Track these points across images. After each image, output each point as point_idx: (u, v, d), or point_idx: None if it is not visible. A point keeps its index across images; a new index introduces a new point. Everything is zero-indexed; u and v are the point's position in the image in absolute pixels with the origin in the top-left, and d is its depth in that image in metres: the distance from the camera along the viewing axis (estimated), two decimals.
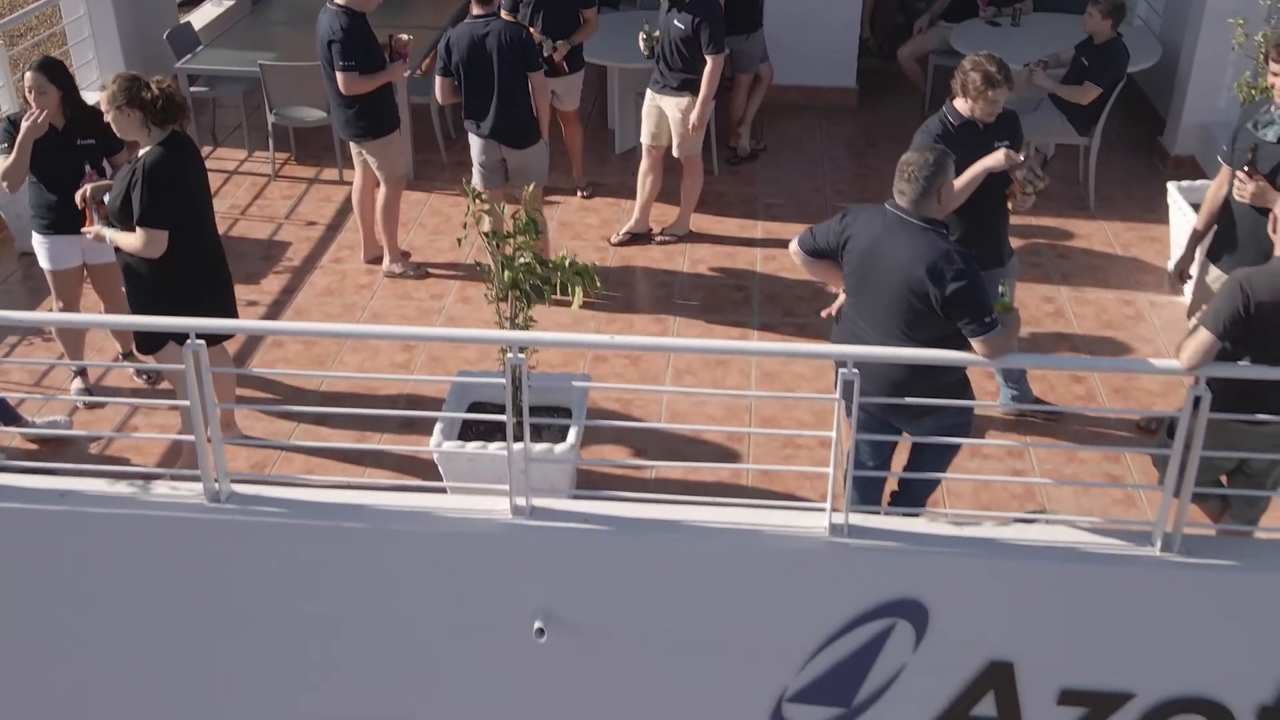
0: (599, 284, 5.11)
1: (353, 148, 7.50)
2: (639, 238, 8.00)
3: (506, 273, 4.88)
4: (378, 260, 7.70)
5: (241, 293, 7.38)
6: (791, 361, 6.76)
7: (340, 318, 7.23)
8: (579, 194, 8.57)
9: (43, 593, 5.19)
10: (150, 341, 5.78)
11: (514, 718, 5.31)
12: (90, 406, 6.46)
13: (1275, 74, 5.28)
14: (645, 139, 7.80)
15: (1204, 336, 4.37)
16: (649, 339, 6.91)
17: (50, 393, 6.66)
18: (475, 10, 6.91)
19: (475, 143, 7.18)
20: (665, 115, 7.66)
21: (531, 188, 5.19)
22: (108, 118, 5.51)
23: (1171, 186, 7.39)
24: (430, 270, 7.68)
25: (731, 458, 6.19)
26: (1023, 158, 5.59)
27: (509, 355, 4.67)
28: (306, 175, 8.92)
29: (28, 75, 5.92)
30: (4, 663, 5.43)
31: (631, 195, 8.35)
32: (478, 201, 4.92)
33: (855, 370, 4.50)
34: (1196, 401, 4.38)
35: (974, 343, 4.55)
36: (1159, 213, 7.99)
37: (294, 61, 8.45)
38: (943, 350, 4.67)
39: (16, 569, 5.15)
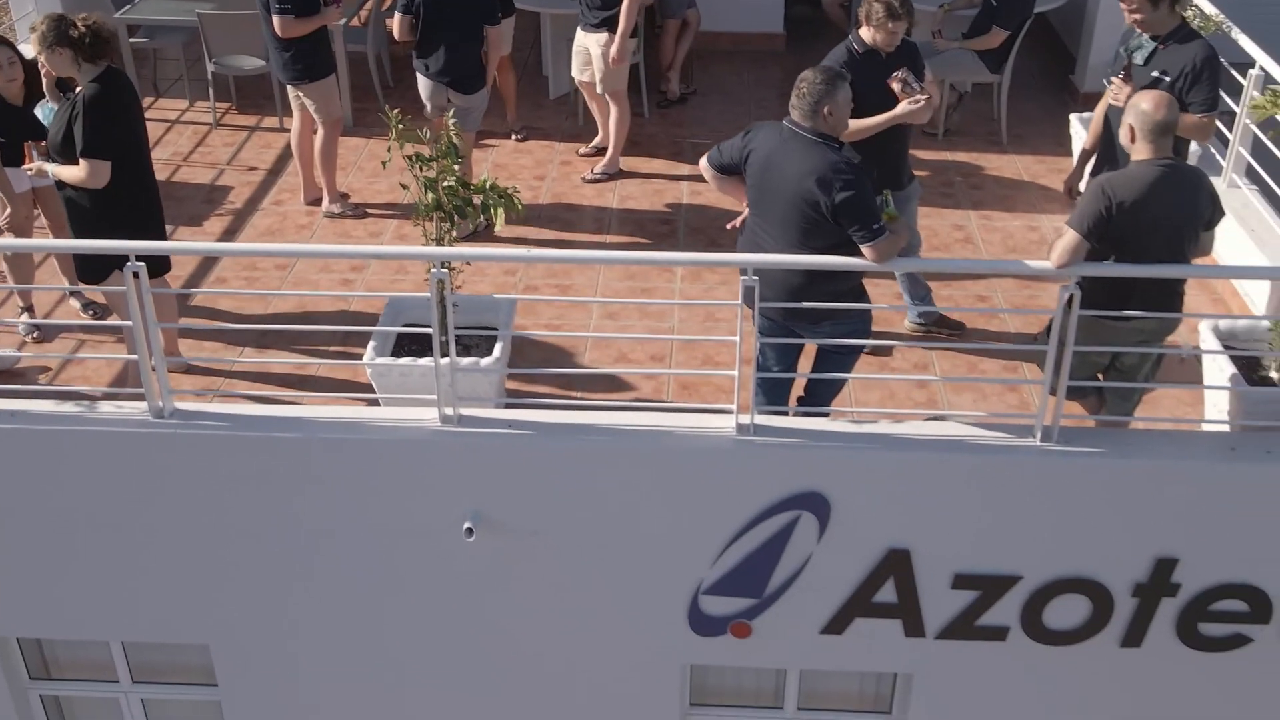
0: (520, 207, 5.42)
1: (290, 91, 7.74)
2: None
3: (430, 194, 5.18)
4: (317, 202, 7.96)
5: (184, 235, 7.68)
6: (711, 290, 7.10)
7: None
8: (513, 137, 8.85)
9: (6, 502, 5.47)
10: (93, 272, 6.03)
11: (447, 616, 5.64)
12: (38, 340, 6.70)
13: (1126, 9, 5.72)
14: (575, 74, 8.14)
15: (1071, 237, 4.75)
16: (566, 252, 7.25)
17: None
18: None
19: (424, 85, 7.47)
20: (590, 53, 7.96)
21: (451, 114, 5.48)
22: (41, 59, 5.74)
23: (1073, 117, 7.78)
24: (368, 210, 7.95)
25: (652, 381, 6.52)
26: (904, 82, 5.93)
27: (433, 270, 4.98)
28: (247, 124, 9.13)
29: None
30: None
31: (565, 138, 8.71)
32: (400, 126, 5.20)
33: (755, 277, 4.86)
34: (1069, 301, 4.78)
35: (863, 248, 4.92)
36: (1068, 146, 8.36)
37: (232, 10, 8.64)
38: (835, 256, 5.03)
39: None
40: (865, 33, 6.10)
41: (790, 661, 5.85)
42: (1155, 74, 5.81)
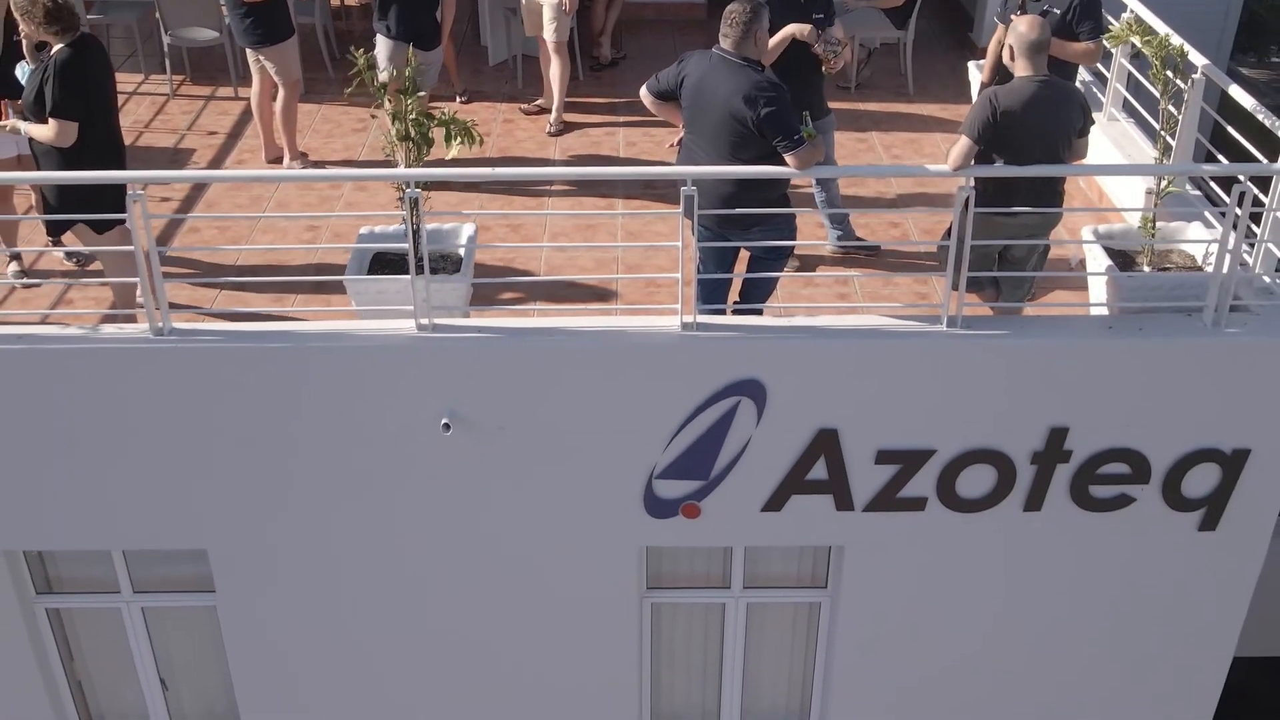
0: (477, 138, 6.04)
1: (250, 55, 8.27)
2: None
3: (398, 124, 5.80)
4: (278, 160, 8.49)
5: (153, 192, 8.16)
6: (651, 223, 7.76)
7: (249, 208, 8.02)
8: (458, 100, 9.45)
9: (13, 422, 5.97)
10: (58, 227, 6.53)
11: (428, 507, 6.25)
12: (27, 287, 7.18)
13: None
14: (528, 31, 8.81)
15: (963, 141, 5.51)
16: (526, 169, 7.81)
17: None
18: None
19: (383, 46, 8.04)
20: (541, 5, 8.60)
21: (412, 51, 6.10)
22: (21, 24, 6.24)
23: (971, 65, 8.57)
24: (327, 166, 8.51)
25: (603, 298, 7.16)
26: (819, 36, 6.65)
27: (408, 190, 5.59)
28: (203, 94, 9.62)
29: None
30: None
31: (505, 100, 9.36)
32: (365, 60, 5.80)
33: (694, 187, 5.55)
34: (966, 201, 5.52)
35: (786, 157, 5.63)
36: (968, 94, 9.13)
37: None
38: (762, 166, 5.74)
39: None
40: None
41: (736, 539, 6.55)
42: (1045, 8, 6.63)
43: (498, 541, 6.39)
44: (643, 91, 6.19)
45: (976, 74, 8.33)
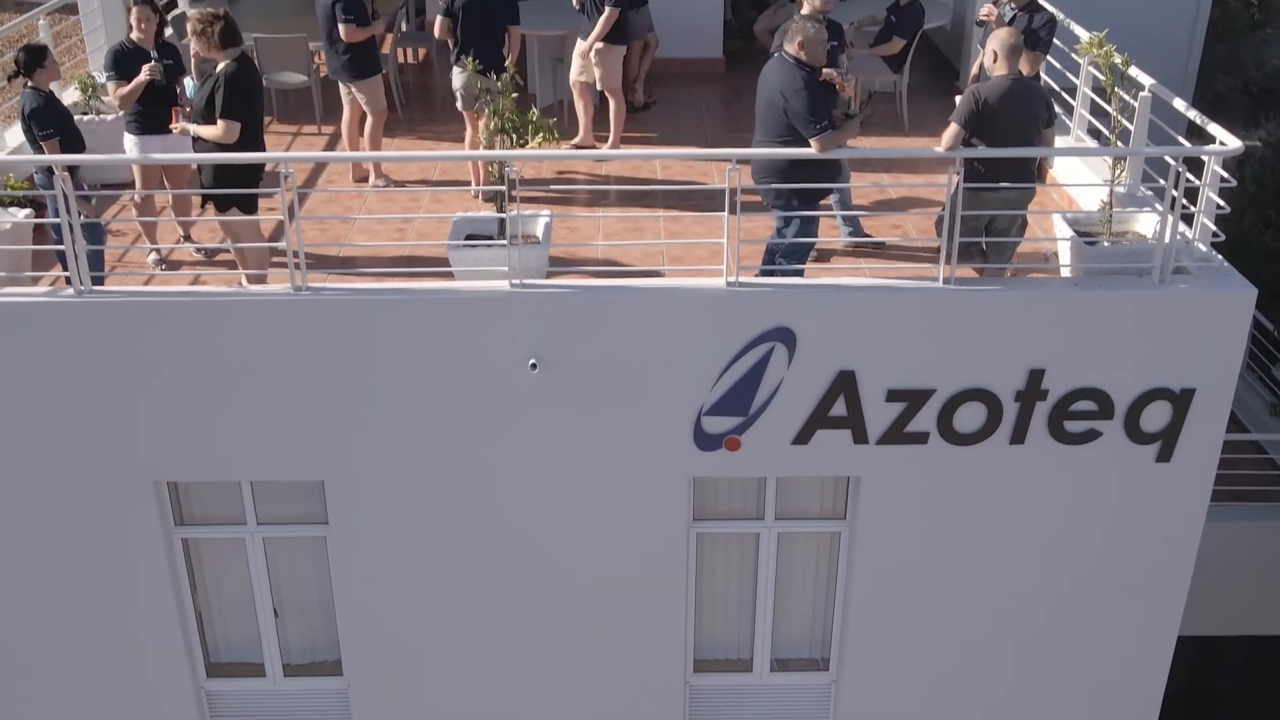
0: (556, 134, 7.44)
1: (343, 89, 9.69)
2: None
3: (494, 120, 7.20)
4: (364, 179, 9.87)
5: (260, 203, 9.50)
6: (690, 225, 9.09)
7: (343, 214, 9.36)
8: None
9: (167, 366, 7.23)
10: (220, 205, 7.85)
11: (515, 441, 7.47)
12: (165, 270, 8.49)
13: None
14: (574, 76, 10.22)
15: (952, 128, 6.90)
16: (591, 151, 9.28)
17: (130, 268, 8.62)
18: None
19: (458, 77, 9.42)
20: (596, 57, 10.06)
21: (510, 61, 7.51)
22: (193, 43, 7.65)
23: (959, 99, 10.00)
24: (406, 185, 9.89)
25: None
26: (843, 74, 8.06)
27: (507, 169, 6.96)
28: (290, 130, 11.04)
29: (134, 7, 8.05)
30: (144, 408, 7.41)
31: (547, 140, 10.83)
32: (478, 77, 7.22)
33: (736, 165, 6.90)
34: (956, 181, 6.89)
35: (810, 140, 7.01)
36: None
37: (281, 35, 10.61)
38: (789, 148, 7.13)
39: (156, 343, 7.17)
40: (806, 7, 8.24)
41: (770, 470, 7.77)
42: (1011, 18, 8.13)
43: (570, 472, 7.60)
44: None
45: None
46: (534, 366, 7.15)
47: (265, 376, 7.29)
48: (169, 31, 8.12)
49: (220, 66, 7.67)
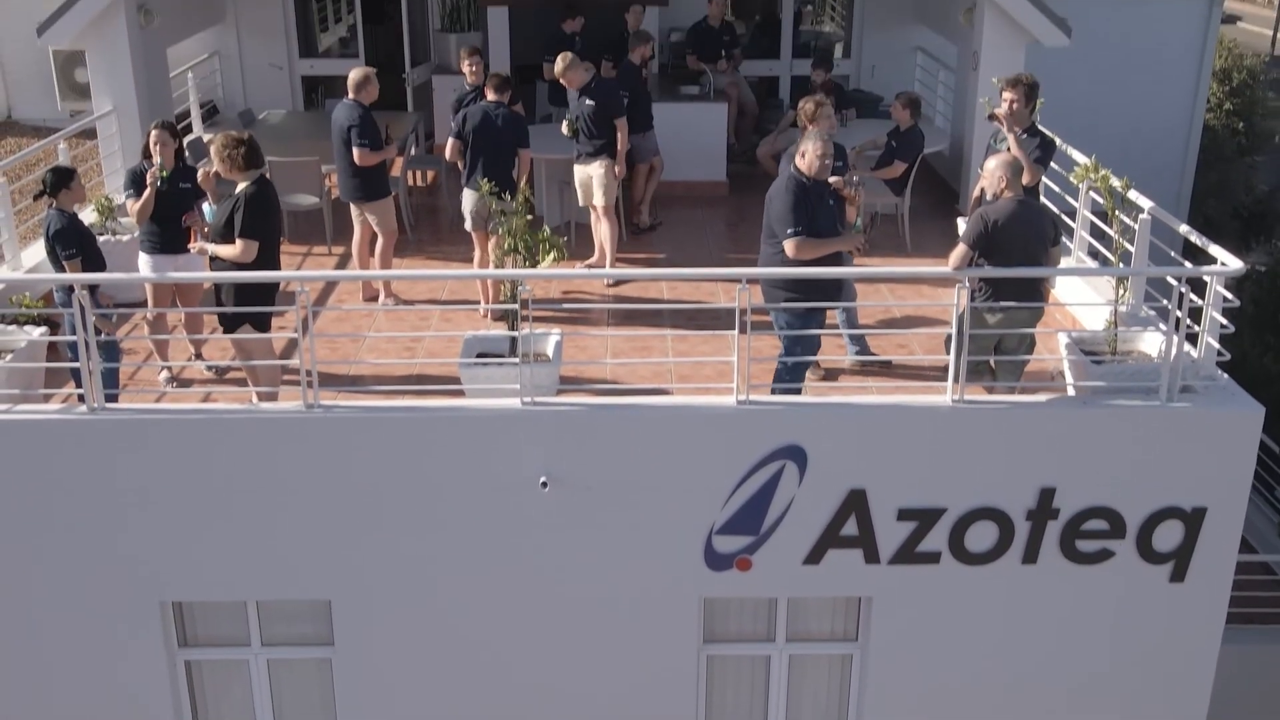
0: (565, 253, 7.56)
1: (354, 210, 9.86)
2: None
3: (508, 239, 7.32)
4: (374, 298, 9.98)
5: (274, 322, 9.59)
6: (697, 344, 9.18)
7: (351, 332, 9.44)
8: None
9: (175, 485, 7.22)
10: (233, 323, 7.93)
11: (524, 558, 7.42)
12: (177, 387, 8.52)
13: (1007, 100, 8.21)
14: (582, 202, 10.40)
15: (961, 248, 7.02)
16: (601, 270, 9.48)
17: (141, 385, 8.66)
18: (490, 96, 9.56)
19: (469, 199, 9.59)
20: (590, 178, 10.25)
21: (521, 183, 7.67)
22: (216, 165, 7.81)
23: (960, 220, 10.19)
24: (415, 304, 10.00)
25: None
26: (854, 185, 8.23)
27: (520, 288, 7.05)
28: (301, 250, 11.20)
29: (152, 131, 8.23)
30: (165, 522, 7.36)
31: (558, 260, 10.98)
32: (492, 199, 7.36)
33: (746, 285, 7.00)
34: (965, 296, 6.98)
35: (784, 243, 7.17)
36: None
37: (294, 158, 10.84)
38: (782, 267, 7.30)
39: (168, 461, 7.17)
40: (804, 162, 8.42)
41: (781, 590, 7.70)
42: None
43: (581, 592, 7.54)
44: None
45: (962, 223, 9.95)
46: (544, 485, 7.14)
47: (275, 494, 7.27)
48: (186, 154, 8.31)
49: (240, 187, 7.81)
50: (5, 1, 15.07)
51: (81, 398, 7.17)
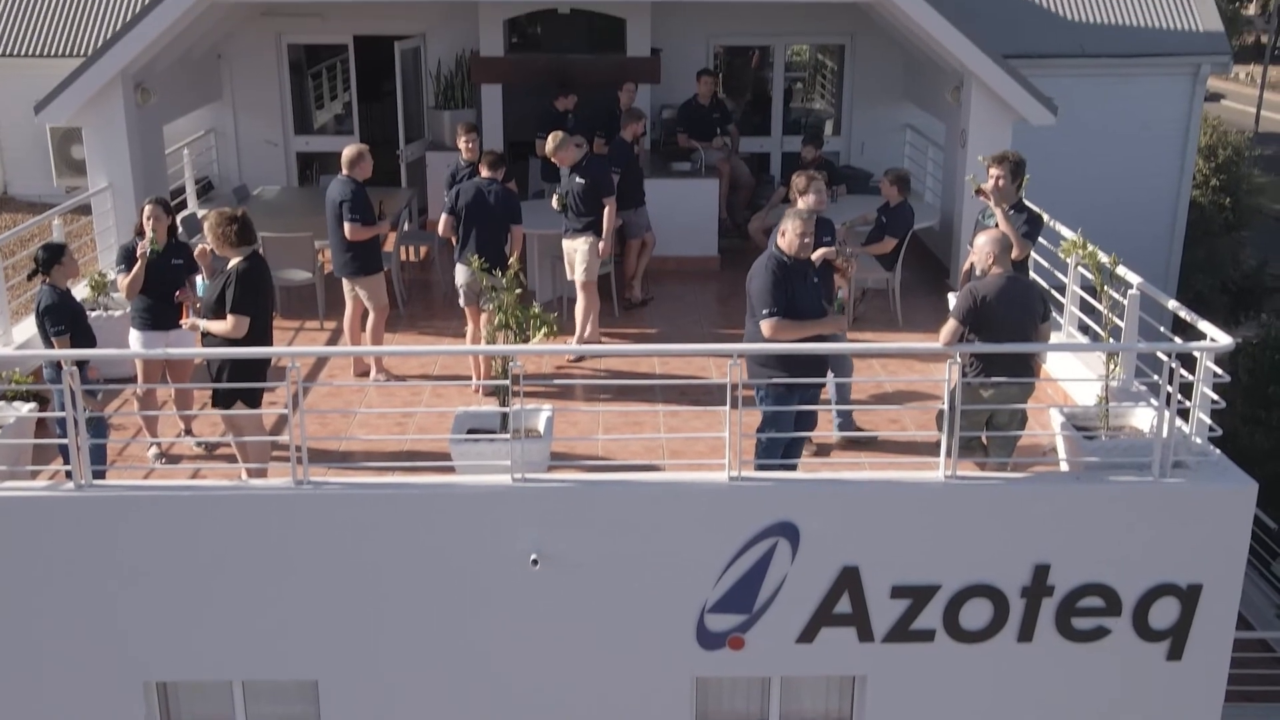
0: (555, 329, 7.56)
1: (346, 285, 9.88)
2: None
3: (499, 315, 7.33)
4: (365, 373, 9.97)
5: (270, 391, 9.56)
6: (689, 420, 9.16)
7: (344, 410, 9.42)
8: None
9: (176, 556, 7.14)
10: (225, 399, 7.91)
11: (515, 629, 7.32)
12: (166, 464, 8.47)
13: (994, 177, 8.29)
14: (570, 277, 10.44)
15: (951, 323, 7.03)
16: (596, 347, 9.49)
17: (130, 462, 8.61)
18: (484, 172, 9.62)
19: (461, 273, 9.62)
20: (575, 253, 10.30)
21: (513, 259, 7.70)
22: (210, 241, 7.84)
23: (950, 295, 10.24)
24: (407, 379, 9.98)
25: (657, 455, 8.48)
26: (846, 254, 8.27)
27: (511, 363, 7.04)
28: (293, 326, 11.21)
29: (146, 206, 8.27)
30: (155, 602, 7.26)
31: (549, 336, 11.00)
32: (484, 274, 7.38)
33: (737, 360, 7.01)
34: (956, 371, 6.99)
35: (760, 324, 7.19)
36: None
37: (287, 234, 10.89)
38: (761, 343, 7.34)
39: (155, 538, 7.10)
40: (803, 200, 8.46)
41: (774, 669, 7.60)
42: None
43: (571, 671, 7.43)
44: None
45: (952, 299, 9.99)
46: (535, 562, 7.07)
47: (263, 572, 7.19)
48: (180, 230, 8.35)
49: (232, 263, 7.83)
50: (3, 79, 15.25)
51: (69, 474, 7.13)
